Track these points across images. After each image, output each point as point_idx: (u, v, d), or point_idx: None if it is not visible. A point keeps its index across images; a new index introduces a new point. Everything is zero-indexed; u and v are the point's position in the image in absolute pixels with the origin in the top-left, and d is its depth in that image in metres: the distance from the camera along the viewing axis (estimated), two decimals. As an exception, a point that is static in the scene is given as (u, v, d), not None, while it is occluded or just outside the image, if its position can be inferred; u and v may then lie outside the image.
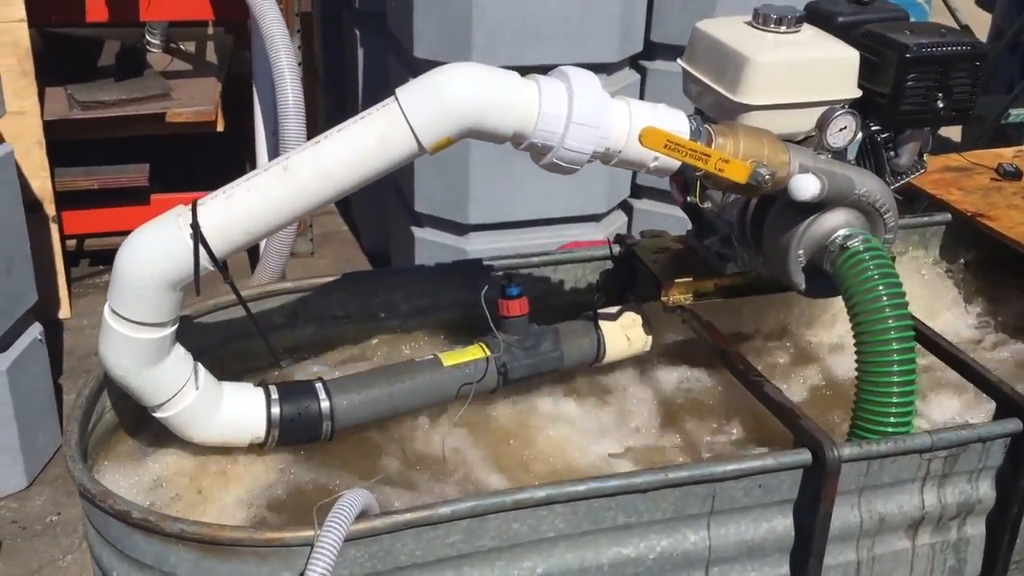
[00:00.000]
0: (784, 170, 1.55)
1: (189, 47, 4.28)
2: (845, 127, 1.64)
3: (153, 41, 4.13)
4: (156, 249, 1.40)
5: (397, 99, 1.41)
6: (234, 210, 1.40)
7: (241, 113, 3.76)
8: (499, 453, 1.70)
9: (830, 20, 1.77)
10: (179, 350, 1.51)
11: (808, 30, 1.72)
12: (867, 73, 1.69)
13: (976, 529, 1.67)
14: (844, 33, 1.74)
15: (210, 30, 4.47)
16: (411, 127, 1.39)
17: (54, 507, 2.78)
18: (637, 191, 3.69)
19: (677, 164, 1.50)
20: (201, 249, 1.39)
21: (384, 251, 4.01)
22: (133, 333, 1.42)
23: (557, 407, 1.82)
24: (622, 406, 1.84)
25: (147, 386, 1.48)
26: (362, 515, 1.32)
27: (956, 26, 4.08)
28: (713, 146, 1.52)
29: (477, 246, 3.37)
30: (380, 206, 3.87)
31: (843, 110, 1.64)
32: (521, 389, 1.81)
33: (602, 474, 1.45)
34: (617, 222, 3.64)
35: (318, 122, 4.52)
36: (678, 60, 1.80)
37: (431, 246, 3.45)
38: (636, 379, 1.91)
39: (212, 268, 1.42)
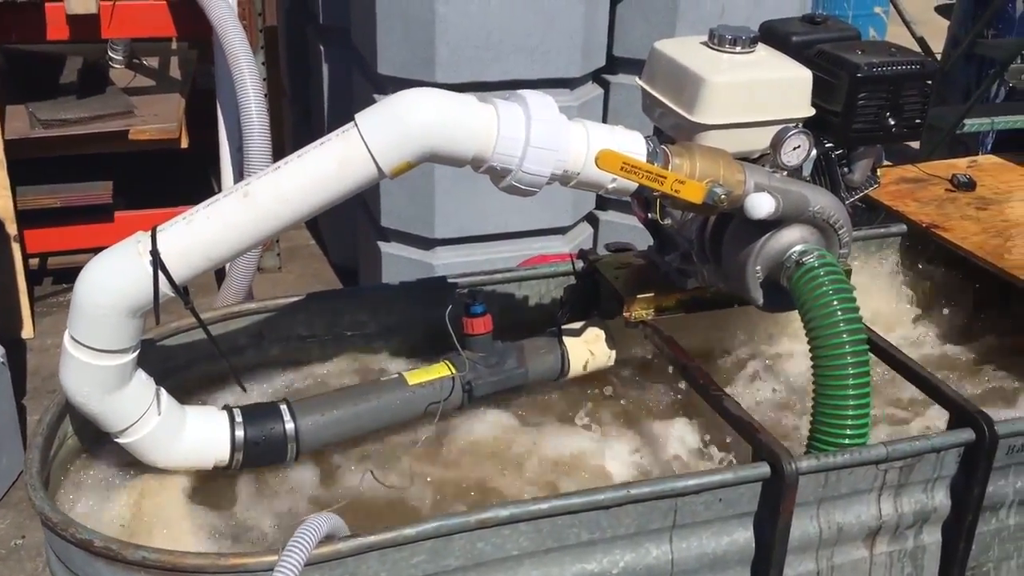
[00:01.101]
0: (739, 189, 1.58)
1: (152, 62, 4.26)
2: (799, 146, 1.67)
3: (116, 57, 4.11)
4: (116, 276, 1.40)
5: (356, 125, 1.42)
6: (195, 236, 1.41)
7: (206, 129, 3.75)
8: (464, 471, 1.71)
9: (784, 40, 1.81)
10: (141, 375, 1.51)
11: (762, 50, 1.76)
12: (820, 92, 1.73)
13: (932, 537, 1.70)
14: (798, 53, 1.78)
15: (174, 45, 4.45)
16: (371, 152, 1.41)
17: (18, 531, 2.75)
18: (603, 203, 3.72)
19: (634, 185, 1.53)
20: (161, 275, 1.39)
21: (352, 266, 4.01)
22: (94, 360, 1.42)
23: (521, 424, 1.83)
24: (585, 420, 1.86)
25: (109, 412, 1.47)
26: (328, 538, 1.32)
27: (911, 38, 4.16)
28: (670, 167, 1.55)
29: (444, 260, 3.39)
30: (347, 221, 3.87)
31: (797, 129, 1.67)
32: (486, 406, 1.83)
33: (565, 491, 1.47)
34: (583, 234, 3.67)
35: (284, 137, 4.51)
36: (637, 80, 1.83)
37: (398, 261, 3.46)
38: (600, 394, 1.93)
39: (173, 294, 1.42)
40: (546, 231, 3.48)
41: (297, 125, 4.54)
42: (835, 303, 1.60)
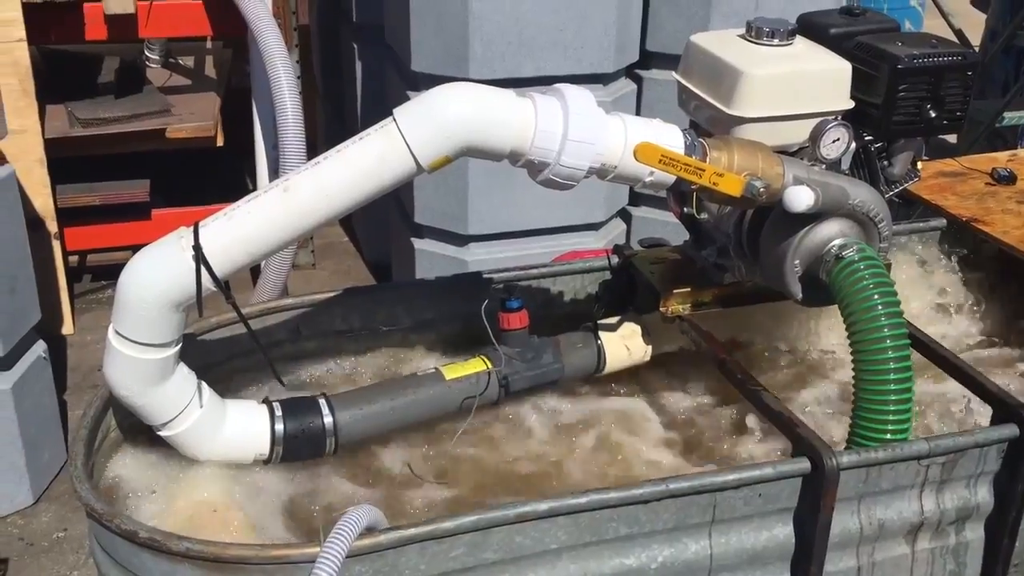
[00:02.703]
0: (778, 182, 1.57)
1: (188, 62, 4.31)
2: (838, 139, 1.66)
3: (152, 57, 4.16)
4: (159, 271, 1.42)
5: (395, 120, 1.43)
6: (235, 231, 1.42)
7: (241, 127, 3.79)
8: (501, 467, 1.71)
9: (822, 32, 1.79)
10: (183, 369, 1.53)
11: (800, 42, 1.74)
12: (859, 84, 1.71)
13: (975, 533, 1.68)
14: (836, 44, 1.76)
15: (209, 44, 4.49)
16: (409, 147, 1.41)
17: (60, 523, 2.79)
18: (635, 199, 3.71)
19: (672, 179, 1.52)
20: (203, 270, 1.41)
21: (385, 262, 4.03)
22: (137, 354, 1.44)
23: (558, 419, 1.83)
24: (622, 416, 1.86)
25: (152, 405, 1.50)
26: (368, 530, 1.33)
27: (950, 30, 4.11)
28: (708, 160, 1.54)
29: (477, 256, 3.39)
30: (381, 217, 3.89)
31: (836, 122, 1.65)
32: (522, 401, 1.83)
33: (603, 486, 1.47)
34: (616, 230, 3.66)
35: (318, 135, 4.54)
36: (673, 73, 1.83)
37: (431, 257, 3.47)
38: (636, 389, 1.93)
39: (214, 289, 1.44)
40: (579, 227, 3.48)
41: (330, 123, 4.57)
42: (876, 297, 1.59)
